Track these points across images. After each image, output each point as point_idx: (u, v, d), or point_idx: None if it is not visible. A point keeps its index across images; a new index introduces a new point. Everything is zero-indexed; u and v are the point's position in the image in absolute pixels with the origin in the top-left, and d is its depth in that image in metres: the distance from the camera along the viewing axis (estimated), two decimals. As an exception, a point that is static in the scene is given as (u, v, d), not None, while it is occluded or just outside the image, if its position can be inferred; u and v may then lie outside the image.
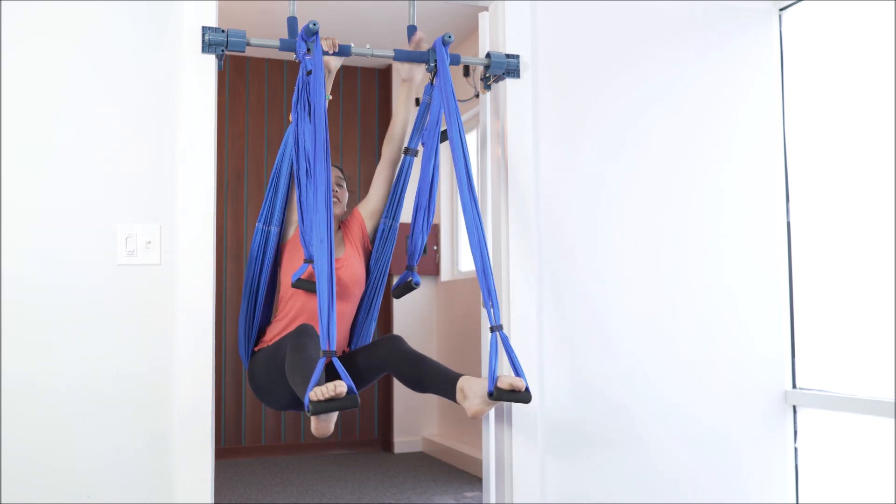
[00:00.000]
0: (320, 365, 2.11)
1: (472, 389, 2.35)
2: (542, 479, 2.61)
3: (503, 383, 2.27)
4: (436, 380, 2.44)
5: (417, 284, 2.74)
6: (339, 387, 2.05)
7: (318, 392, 2.04)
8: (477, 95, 2.82)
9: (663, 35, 2.91)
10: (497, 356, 2.37)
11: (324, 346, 2.15)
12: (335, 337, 2.16)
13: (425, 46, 2.66)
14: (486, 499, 2.70)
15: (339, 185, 2.78)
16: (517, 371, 2.33)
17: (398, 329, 5.49)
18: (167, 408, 2.29)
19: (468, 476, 4.74)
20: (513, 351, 2.35)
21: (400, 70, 2.72)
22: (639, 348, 2.78)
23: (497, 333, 2.35)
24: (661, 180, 2.86)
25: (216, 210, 2.38)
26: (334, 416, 2.21)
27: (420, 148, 2.72)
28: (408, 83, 2.72)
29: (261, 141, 5.50)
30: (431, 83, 2.66)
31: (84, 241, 2.26)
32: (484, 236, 2.43)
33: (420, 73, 2.69)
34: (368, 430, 5.61)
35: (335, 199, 2.72)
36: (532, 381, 2.56)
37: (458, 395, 2.38)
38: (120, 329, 2.27)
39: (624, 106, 2.84)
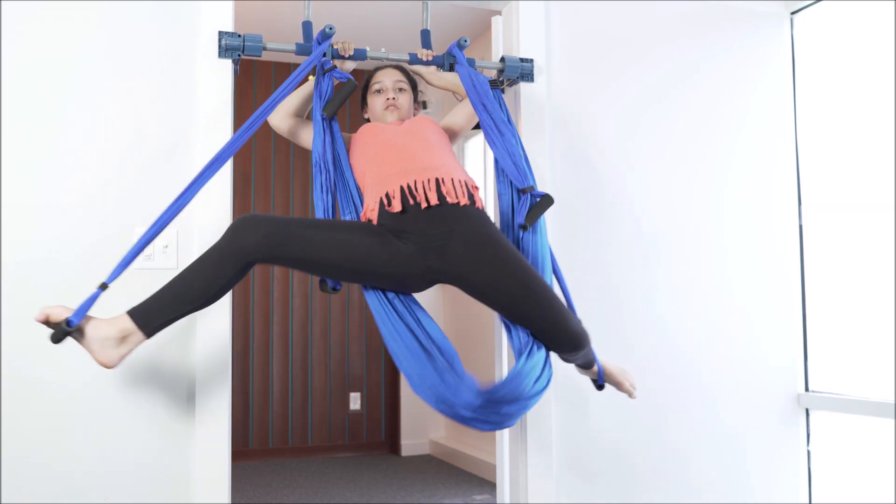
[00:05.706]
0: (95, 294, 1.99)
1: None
2: (558, 479, 2.62)
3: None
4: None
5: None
6: (48, 311, 1.92)
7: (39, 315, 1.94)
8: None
9: (676, 38, 2.92)
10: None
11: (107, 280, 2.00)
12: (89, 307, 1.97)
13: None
14: (501, 499, 2.71)
15: (400, 90, 2.53)
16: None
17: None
18: (185, 408, 2.29)
19: (476, 479, 4.73)
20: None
21: (408, 66, 2.71)
22: (653, 353, 2.78)
23: None
24: (676, 184, 2.87)
25: (230, 213, 2.38)
26: (101, 345, 1.99)
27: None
28: (418, 76, 2.70)
29: (268, 143, 5.50)
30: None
31: (102, 245, 2.26)
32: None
33: (427, 67, 2.65)
34: (375, 433, 5.61)
35: (392, 106, 2.50)
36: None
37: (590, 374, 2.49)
38: (137, 332, 2.27)
39: (636, 110, 2.84)
